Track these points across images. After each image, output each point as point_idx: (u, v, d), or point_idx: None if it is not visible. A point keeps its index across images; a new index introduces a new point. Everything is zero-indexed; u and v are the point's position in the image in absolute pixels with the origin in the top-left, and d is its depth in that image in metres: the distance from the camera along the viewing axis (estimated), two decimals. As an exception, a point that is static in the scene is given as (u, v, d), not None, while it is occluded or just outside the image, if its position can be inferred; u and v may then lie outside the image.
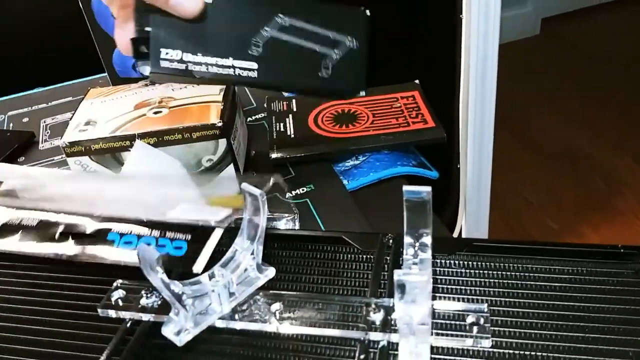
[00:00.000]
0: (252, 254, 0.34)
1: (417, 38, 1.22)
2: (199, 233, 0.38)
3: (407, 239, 0.29)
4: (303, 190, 0.58)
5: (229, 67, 0.42)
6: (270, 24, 0.42)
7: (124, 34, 0.41)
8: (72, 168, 0.54)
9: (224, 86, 0.57)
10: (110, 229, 0.39)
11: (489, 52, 1.15)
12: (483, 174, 1.27)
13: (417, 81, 0.73)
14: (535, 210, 1.64)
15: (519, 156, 1.81)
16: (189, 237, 0.38)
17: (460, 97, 1.08)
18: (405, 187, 0.30)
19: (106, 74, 0.69)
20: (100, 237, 0.39)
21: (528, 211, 1.64)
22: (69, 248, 0.39)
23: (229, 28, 0.42)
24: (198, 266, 0.36)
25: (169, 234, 0.38)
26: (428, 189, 0.30)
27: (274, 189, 0.45)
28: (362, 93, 0.45)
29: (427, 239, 0.30)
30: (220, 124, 0.52)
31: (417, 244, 0.30)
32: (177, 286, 0.30)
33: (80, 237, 0.39)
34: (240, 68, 0.42)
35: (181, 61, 0.42)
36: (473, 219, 1.31)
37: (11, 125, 0.78)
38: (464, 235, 1.13)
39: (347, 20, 0.44)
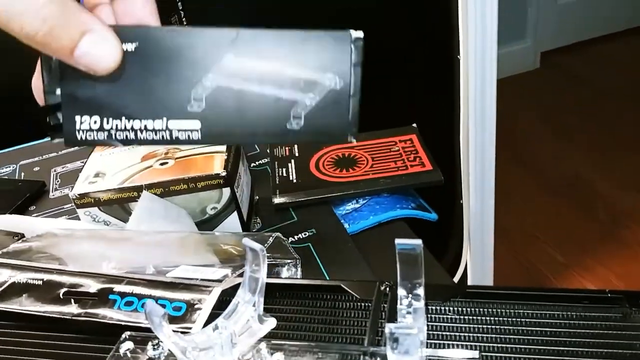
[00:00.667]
0: (254, 305, 0.36)
1: (415, 80, 1.25)
2: (198, 293, 0.40)
3: (401, 291, 0.31)
4: (305, 234, 0.60)
5: (162, 130, 0.31)
6: (215, 68, 0.31)
7: (37, 81, 0.30)
8: (81, 218, 0.56)
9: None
10: (112, 289, 0.41)
11: (487, 89, 1.18)
12: (486, 211, 1.28)
13: (414, 125, 0.75)
14: (541, 244, 1.65)
15: (523, 189, 1.82)
16: (187, 297, 0.40)
17: (460, 136, 1.11)
18: (397, 240, 0.32)
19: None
20: (102, 297, 0.41)
21: (534, 245, 1.64)
22: (71, 308, 0.41)
23: (159, 80, 0.31)
24: (196, 328, 0.37)
25: (168, 294, 0.40)
26: (419, 242, 0.31)
27: (276, 245, 0.46)
28: (352, 140, 0.33)
29: (420, 290, 0.31)
30: (224, 174, 0.54)
31: (411, 295, 0.32)
32: (182, 339, 0.32)
33: (83, 297, 0.41)
34: (178, 130, 0.31)
35: (101, 129, 0.31)
36: (478, 257, 1.32)
37: (22, 174, 0.81)
38: (469, 273, 1.14)
39: (327, 50, 0.31)
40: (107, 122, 0.31)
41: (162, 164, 0.56)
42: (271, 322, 0.37)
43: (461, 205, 1.30)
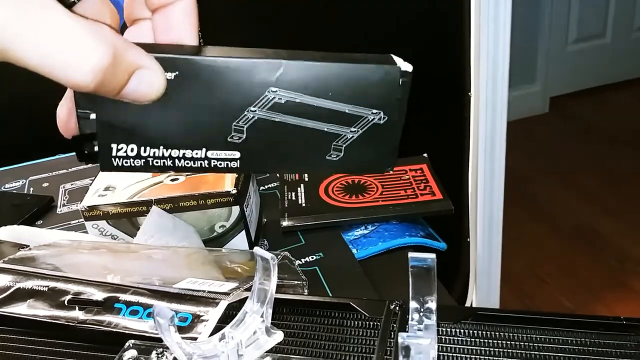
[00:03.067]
0: (262, 316, 0.35)
1: (427, 112, 1.26)
2: (204, 305, 0.40)
3: (413, 305, 0.30)
4: (312, 258, 0.60)
5: (201, 159, 0.31)
6: (258, 101, 0.30)
7: (62, 109, 0.29)
8: (89, 231, 0.56)
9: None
10: (118, 298, 0.41)
11: (497, 127, 1.18)
12: (494, 246, 1.27)
13: (425, 155, 0.75)
14: (549, 289, 1.63)
15: (531, 233, 1.81)
16: (194, 308, 0.39)
17: (470, 170, 1.11)
18: (411, 254, 0.31)
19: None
20: (107, 305, 0.40)
21: (541, 289, 1.62)
22: (76, 314, 0.40)
23: (199, 111, 0.30)
24: (201, 339, 0.37)
25: (174, 305, 0.39)
26: (433, 255, 0.31)
27: (283, 266, 0.46)
28: (389, 170, 0.33)
29: (432, 305, 0.31)
30: (234, 192, 0.54)
31: (422, 310, 0.31)
32: (189, 346, 0.31)
33: (88, 304, 0.41)
34: (217, 159, 0.31)
35: (139, 157, 0.30)
36: (484, 294, 1.30)
37: (31, 189, 0.81)
38: (474, 309, 1.12)
39: (374, 84, 0.30)
40: (145, 150, 0.30)
41: (172, 180, 0.56)
42: (279, 336, 0.36)
43: (468, 243, 1.29)
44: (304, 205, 0.68)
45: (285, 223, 0.64)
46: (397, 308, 0.39)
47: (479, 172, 1.13)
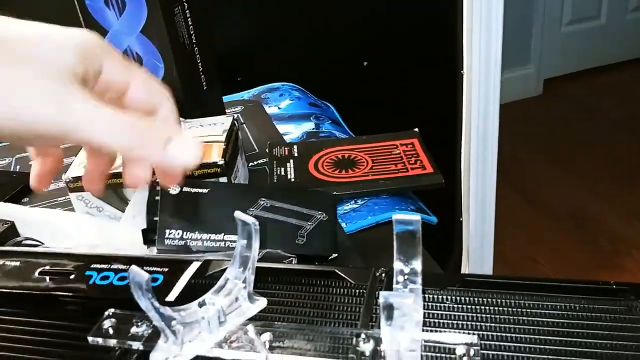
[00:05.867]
0: (244, 282, 0.34)
1: (419, 90, 1.25)
2: (175, 266, 0.39)
3: (397, 266, 0.29)
4: (301, 232, 0.59)
5: (220, 240, 0.49)
6: (255, 205, 0.52)
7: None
8: (74, 203, 0.55)
9: (227, 127, 0.58)
10: (89, 266, 0.40)
11: (490, 106, 1.17)
12: (486, 225, 1.27)
13: (416, 129, 0.74)
14: (542, 269, 1.63)
15: (524, 215, 1.81)
16: (165, 269, 0.39)
17: (462, 148, 1.10)
18: (395, 216, 0.31)
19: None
20: (78, 274, 0.40)
21: (534, 270, 1.62)
22: (47, 284, 0.39)
23: (221, 211, 0.51)
24: (171, 296, 0.36)
25: (146, 268, 0.38)
26: (418, 217, 0.30)
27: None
28: (334, 255, 0.52)
29: (417, 267, 0.30)
30: (221, 163, 0.53)
31: (407, 273, 0.31)
32: (166, 311, 0.31)
33: (60, 275, 0.40)
34: (230, 241, 0.50)
35: (181, 239, 0.49)
36: (477, 271, 1.30)
37: (18, 167, 0.80)
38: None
39: (318, 201, 0.55)
40: (186, 234, 0.49)
41: (158, 152, 0.55)
42: (261, 302, 0.35)
43: (461, 223, 1.29)
44: (293, 180, 0.67)
45: (273, 198, 0.63)
46: (383, 275, 0.38)
47: (471, 149, 1.12)
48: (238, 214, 0.34)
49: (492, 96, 1.18)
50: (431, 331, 0.34)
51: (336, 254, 0.53)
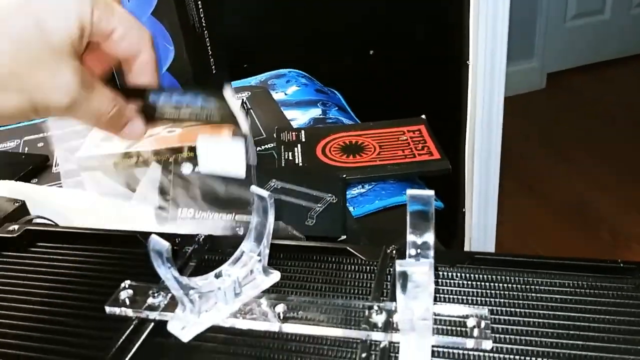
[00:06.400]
0: (259, 255, 0.35)
1: (424, 79, 1.25)
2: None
3: (410, 238, 0.30)
4: (309, 214, 0.59)
5: (231, 220, 0.52)
6: (266, 187, 0.54)
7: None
8: (86, 183, 0.55)
9: (236, 108, 0.58)
10: None
11: (495, 95, 1.18)
12: (489, 216, 1.28)
13: (423, 116, 0.74)
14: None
15: (525, 206, 1.81)
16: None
17: (467, 137, 1.10)
18: (409, 191, 0.31)
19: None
20: None
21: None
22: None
23: (232, 191, 0.50)
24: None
25: None
26: (431, 192, 0.31)
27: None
28: (343, 237, 0.54)
29: (430, 242, 0.31)
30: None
31: (420, 247, 0.31)
32: (184, 280, 0.31)
33: None
34: (241, 221, 0.51)
35: (193, 217, 0.51)
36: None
37: (26, 149, 0.80)
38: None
39: (327, 183, 0.56)
40: (198, 214, 0.51)
41: (169, 132, 0.56)
42: (275, 275, 0.36)
43: (464, 213, 1.29)
44: (300, 164, 0.67)
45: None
46: (394, 252, 0.39)
47: (475, 139, 1.13)
48: (254, 188, 0.34)
49: (497, 88, 1.18)
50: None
51: (345, 236, 0.53)
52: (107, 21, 0.34)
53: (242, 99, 0.63)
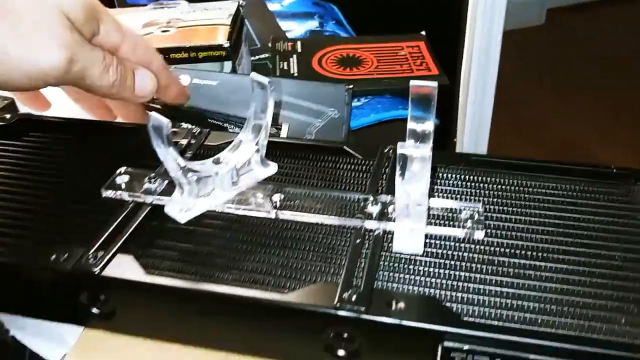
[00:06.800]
0: (257, 145, 0.35)
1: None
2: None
3: (411, 126, 0.30)
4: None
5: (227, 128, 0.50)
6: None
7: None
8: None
9: (233, 12, 0.57)
10: None
11: (494, 28, 1.16)
12: (480, 146, 1.28)
13: (423, 32, 0.73)
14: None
15: (515, 144, 1.82)
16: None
17: (463, 61, 1.09)
18: (412, 82, 0.31)
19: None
20: None
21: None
22: None
23: (229, 101, 0.50)
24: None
25: None
26: (435, 84, 0.31)
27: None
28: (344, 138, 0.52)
29: (429, 129, 0.30)
30: (227, 45, 0.52)
31: (419, 134, 0.31)
32: (183, 162, 0.31)
33: None
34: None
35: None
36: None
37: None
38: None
39: (331, 94, 0.52)
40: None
41: (163, 32, 0.54)
42: (273, 167, 0.36)
43: (454, 143, 1.30)
44: (296, 75, 0.66)
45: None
46: (391, 152, 0.39)
47: (472, 64, 1.12)
48: (254, 74, 0.34)
49: (496, 19, 1.16)
50: (436, 202, 0.35)
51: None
52: (115, 34, 0.38)
53: (238, 3, 0.61)
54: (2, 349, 0.33)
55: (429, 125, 0.29)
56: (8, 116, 0.45)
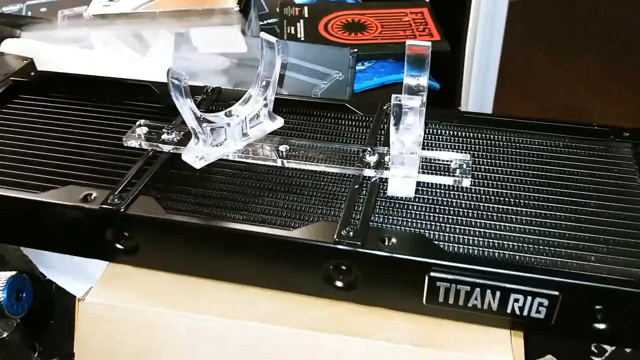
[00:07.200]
0: (265, 100, 0.38)
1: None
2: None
3: (407, 81, 0.33)
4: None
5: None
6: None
7: None
8: (94, 42, 0.57)
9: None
10: None
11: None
12: (484, 111, 1.30)
13: (427, -1, 0.75)
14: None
15: (518, 108, 1.83)
16: None
17: (469, 26, 1.10)
18: (409, 41, 0.34)
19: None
20: None
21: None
22: None
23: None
24: None
25: None
26: (429, 43, 0.33)
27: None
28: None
29: (423, 84, 0.33)
30: (237, 9, 0.55)
31: (414, 88, 0.33)
32: (199, 112, 0.34)
33: None
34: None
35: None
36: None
37: (29, 13, 0.80)
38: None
39: (336, 57, 0.54)
40: None
41: (177, -6, 0.57)
42: (279, 121, 0.39)
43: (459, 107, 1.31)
44: (302, 39, 0.69)
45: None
46: (389, 108, 0.41)
47: (478, 29, 1.13)
48: (263, 34, 0.36)
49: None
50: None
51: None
52: None
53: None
54: (32, 281, 0.37)
55: (422, 81, 0.32)
56: (32, 73, 0.48)
